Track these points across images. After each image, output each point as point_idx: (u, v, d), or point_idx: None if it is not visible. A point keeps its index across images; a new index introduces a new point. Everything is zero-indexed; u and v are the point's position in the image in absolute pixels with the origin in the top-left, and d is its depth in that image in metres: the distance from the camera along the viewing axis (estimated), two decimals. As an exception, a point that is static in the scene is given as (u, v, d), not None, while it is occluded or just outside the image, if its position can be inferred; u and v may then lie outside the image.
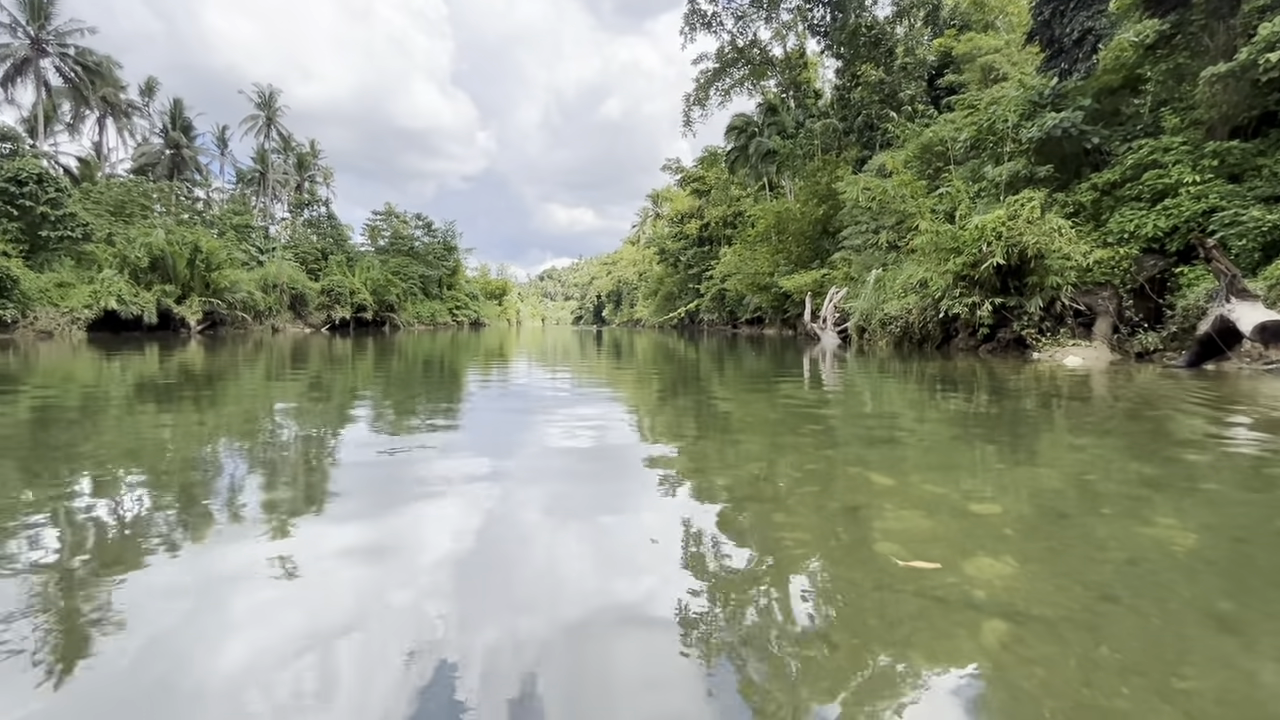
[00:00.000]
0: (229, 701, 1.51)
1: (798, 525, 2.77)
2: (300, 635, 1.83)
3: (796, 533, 2.67)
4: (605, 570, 2.32)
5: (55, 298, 22.84)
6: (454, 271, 62.03)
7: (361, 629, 1.86)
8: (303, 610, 1.99)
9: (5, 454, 4.25)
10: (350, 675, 1.61)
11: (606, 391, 8.53)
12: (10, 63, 35.39)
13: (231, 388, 8.67)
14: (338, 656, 1.69)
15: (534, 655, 1.70)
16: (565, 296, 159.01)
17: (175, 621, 1.90)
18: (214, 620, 1.92)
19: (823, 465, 3.92)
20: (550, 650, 1.73)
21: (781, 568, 2.30)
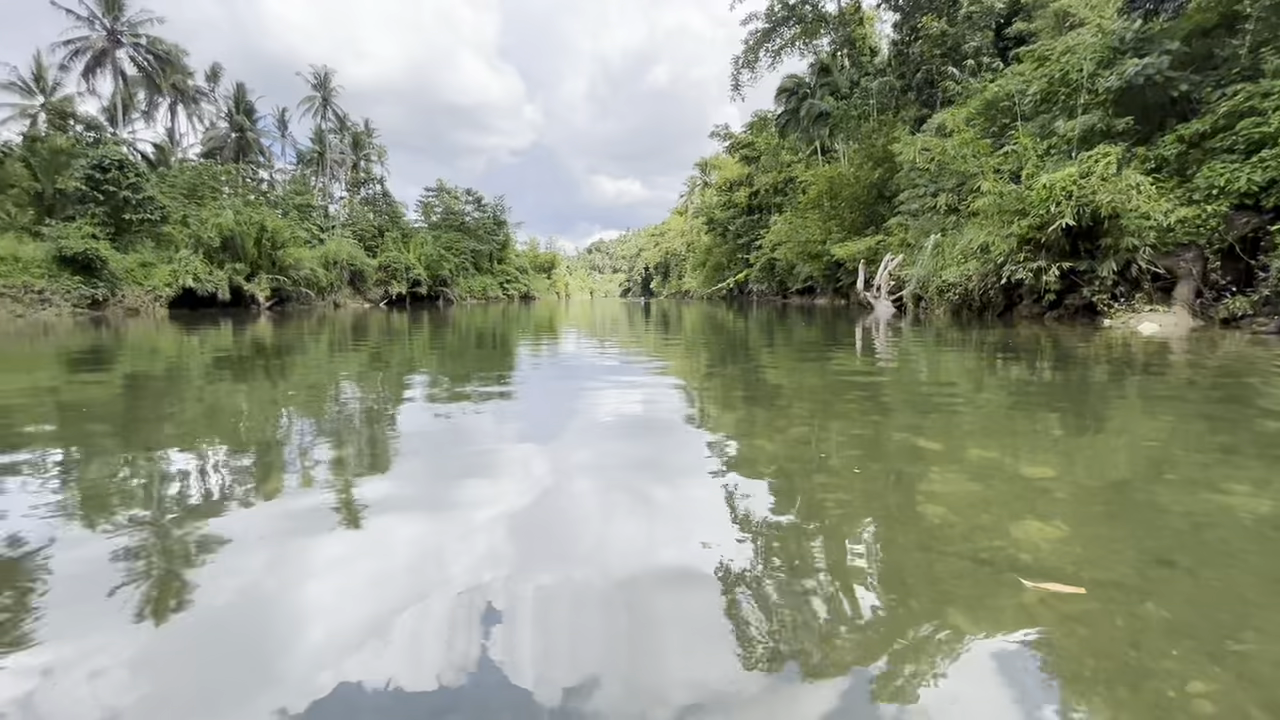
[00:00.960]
0: (301, 636, 1.67)
1: (840, 487, 2.77)
2: (363, 583, 1.99)
3: (838, 494, 2.67)
4: (650, 530, 2.40)
5: (139, 277, 24.47)
6: (504, 246, 62.95)
7: (419, 583, 2.00)
8: (366, 561, 2.15)
9: (103, 419, 4.68)
10: (408, 623, 1.74)
11: (654, 362, 8.60)
12: (90, 54, 37.45)
13: (299, 360, 9.17)
14: (396, 604, 1.84)
15: (583, 606, 1.79)
16: (613, 269, 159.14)
17: (256, 567, 2.09)
18: (287, 568, 2.10)
19: (870, 431, 3.88)
20: (597, 603, 1.82)
21: (824, 529, 2.33)
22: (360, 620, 1.71)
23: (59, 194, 25.80)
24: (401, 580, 1.97)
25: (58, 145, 28.31)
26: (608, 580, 1.93)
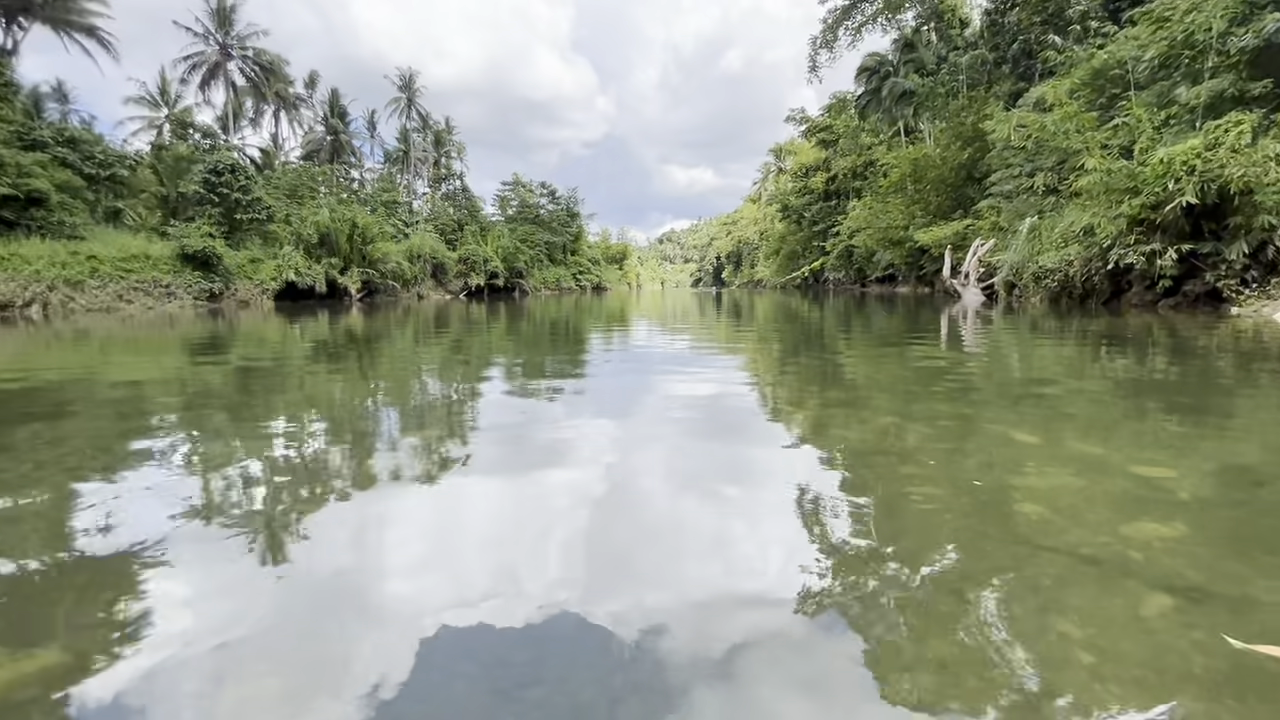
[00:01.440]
0: (387, 596, 1.76)
1: (928, 479, 2.64)
2: (442, 557, 2.08)
3: (926, 487, 2.55)
4: (724, 520, 2.37)
5: (249, 272, 26.62)
6: (577, 237, 63.97)
7: (494, 563, 2.07)
8: (446, 534, 2.25)
9: (219, 400, 5.13)
10: (483, 595, 1.81)
11: (727, 352, 8.50)
12: (205, 68, 40.92)
13: (387, 348, 9.71)
14: (474, 579, 1.91)
15: (656, 593, 1.80)
16: (684, 259, 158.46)
17: (347, 537, 2.23)
18: (374, 540, 2.23)
19: (958, 423, 3.68)
20: (664, 588, 1.82)
21: (910, 522, 2.22)
22: (437, 596, 1.80)
23: (181, 197, 28.42)
24: (477, 558, 2.05)
25: (179, 153, 31.17)
26: (677, 568, 1.92)
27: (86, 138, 25.80)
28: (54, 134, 24.33)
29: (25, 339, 11.05)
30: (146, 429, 3.94)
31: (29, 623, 1.65)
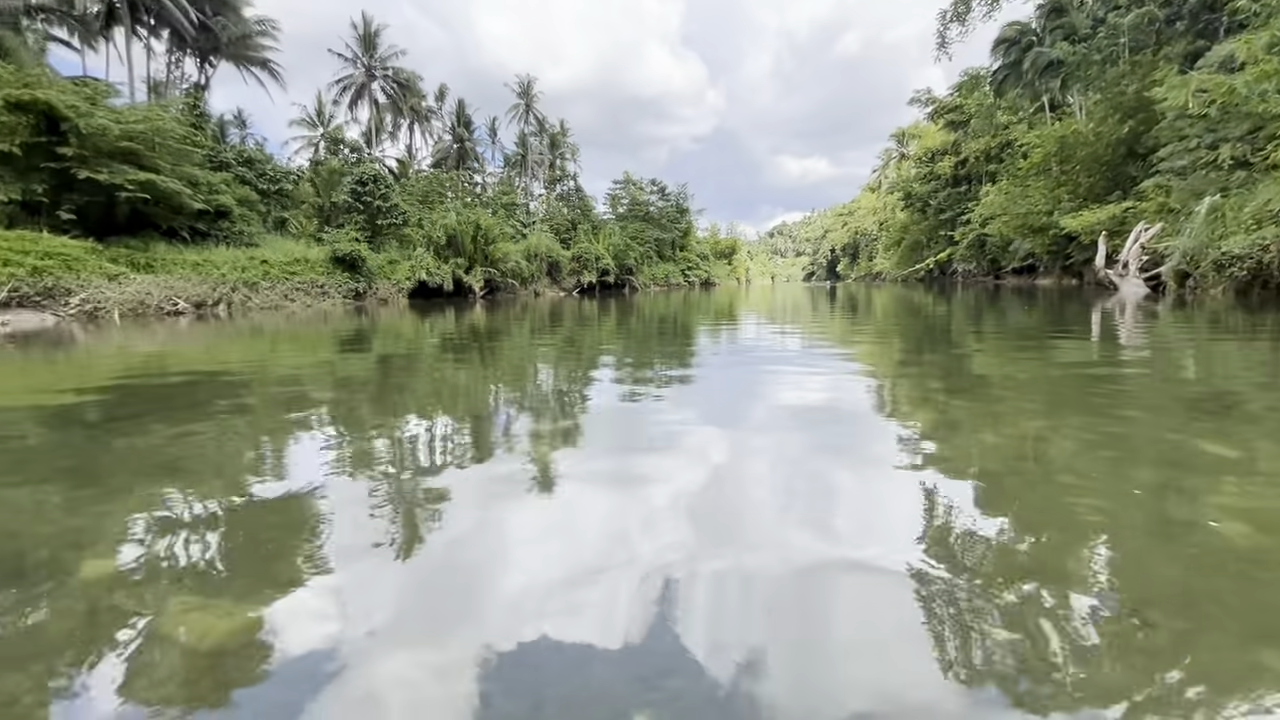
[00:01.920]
0: (504, 579, 1.82)
1: (1093, 491, 2.33)
2: (550, 543, 2.12)
3: (1089, 498, 2.25)
4: (837, 530, 2.23)
5: (388, 272, 29.20)
6: (686, 233, 64.06)
7: (598, 552, 2.07)
8: (554, 523, 2.30)
9: (360, 389, 5.64)
10: (587, 585, 1.81)
11: (841, 349, 8.10)
12: (353, 89, 45.35)
13: (507, 342, 10.23)
14: (577, 567, 1.92)
15: (755, 594, 1.72)
16: (796, 252, 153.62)
17: (469, 519, 2.34)
18: (489, 522, 2.32)
19: (1127, 430, 3.23)
20: (768, 594, 1.73)
21: (1072, 537, 1.97)
22: (544, 575, 1.83)
23: (333, 206, 31.73)
24: (583, 546, 2.07)
25: (332, 166, 34.80)
26: (781, 574, 1.83)
27: (260, 157, 29.56)
28: (235, 155, 28.10)
29: (215, 333, 12.83)
30: (304, 415, 4.42)
31: (220, 575, 1.89)
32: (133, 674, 1.41)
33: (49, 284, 16.53)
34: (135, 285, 18.29)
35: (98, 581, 1.84)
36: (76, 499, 2.63)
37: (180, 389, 5.72)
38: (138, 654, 1.48)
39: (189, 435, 3.67)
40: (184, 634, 1.55)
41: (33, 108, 17.73)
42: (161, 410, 4.61)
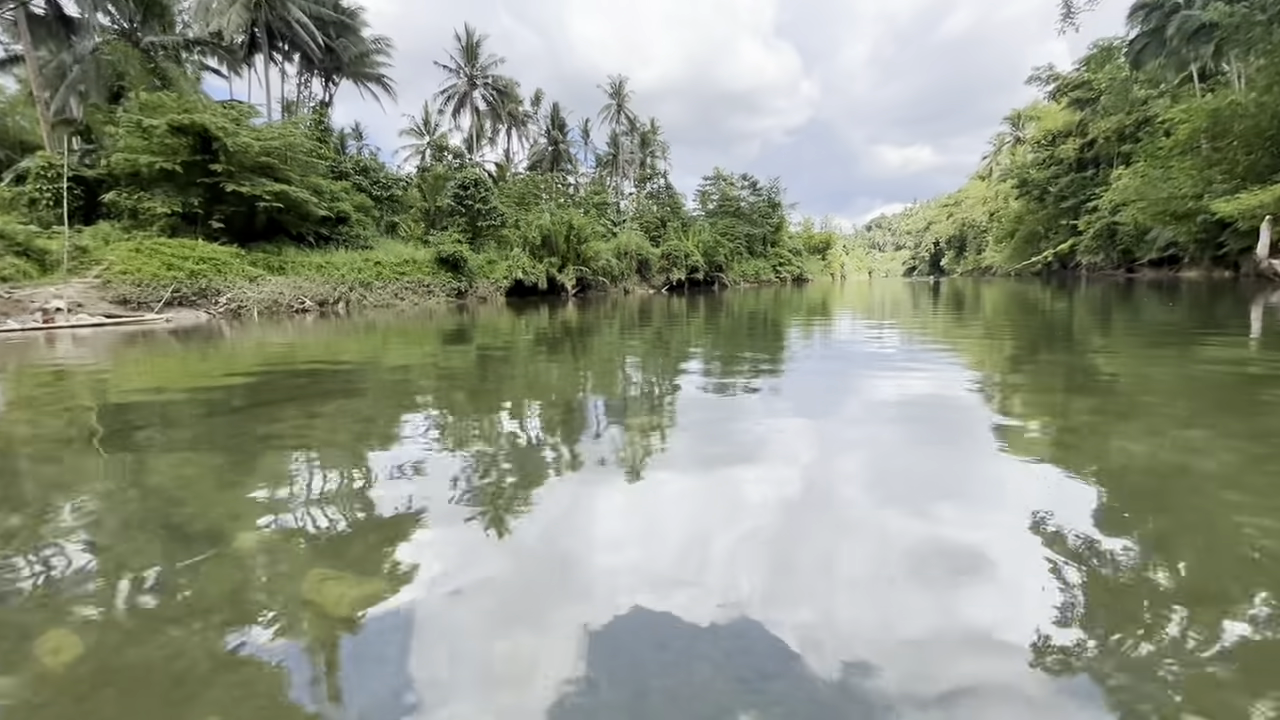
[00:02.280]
0: (603, 569, 1.89)
1: (1268, 509, 2.07)
2: (640, 533, 2.16)
3: (1266, 519, 2.00)
4: (938, 551, 2.12)
5: (487, 271, 30.71)
6: (777, 228, 62.60)
7: (686, 545, 2.09)
8: (645, 514, 2.34)
9: (461, 382, 5.98)
10: (690, 579, 1.84)
11: (943, 348, 7.64)
12: (456, 98, 47.96)
13: (597, 339, 10.48)
14: (668, 560, 1.95)
15: (848, 600, 1.68)
16: (895, 246, 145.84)
17: (557, 509, 2.44)
18: (582, 507, 2.41)
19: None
20: (863, 601, 1.68)
21: (1244, 567, 1.77)
22: (645, 565, 1.88)
23: (438, 210, 33.75)
24: (672, 538, 2.10)
25: (437, 173, 37.01)
26: (884, 581, 1.77)
27: (374, 166, 32.00)
28: (353, 165, 30.57)
29: (335, 329, 14.07)
30: (411, 404, 4.77)
31: (346, 547, 2.10)
32: (280, 632, 1.61)
33: (203, 285, 18.77)
34: (270, 286, 20.38)
35: (249, 550, 2.11)
36: (226, 475, 3.00)
37: (307, 379, 6.35)
38: (285, 615, 1.68)
39: (316, 420, 4.08)
40: (321, 598, 1.75)
41: (191, 130, 20.16)
42: (293, 398, 5.15)
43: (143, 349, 10.04)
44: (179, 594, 1.80)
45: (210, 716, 1.25)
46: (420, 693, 1.34)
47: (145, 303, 17.51)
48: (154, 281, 17.89)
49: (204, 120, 20.13)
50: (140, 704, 1.31)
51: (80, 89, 24.48)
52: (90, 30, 24.73)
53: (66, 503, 2.67)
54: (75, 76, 24.27)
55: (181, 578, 1.91)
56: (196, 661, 1.47)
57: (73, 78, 24.30)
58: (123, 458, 3.37)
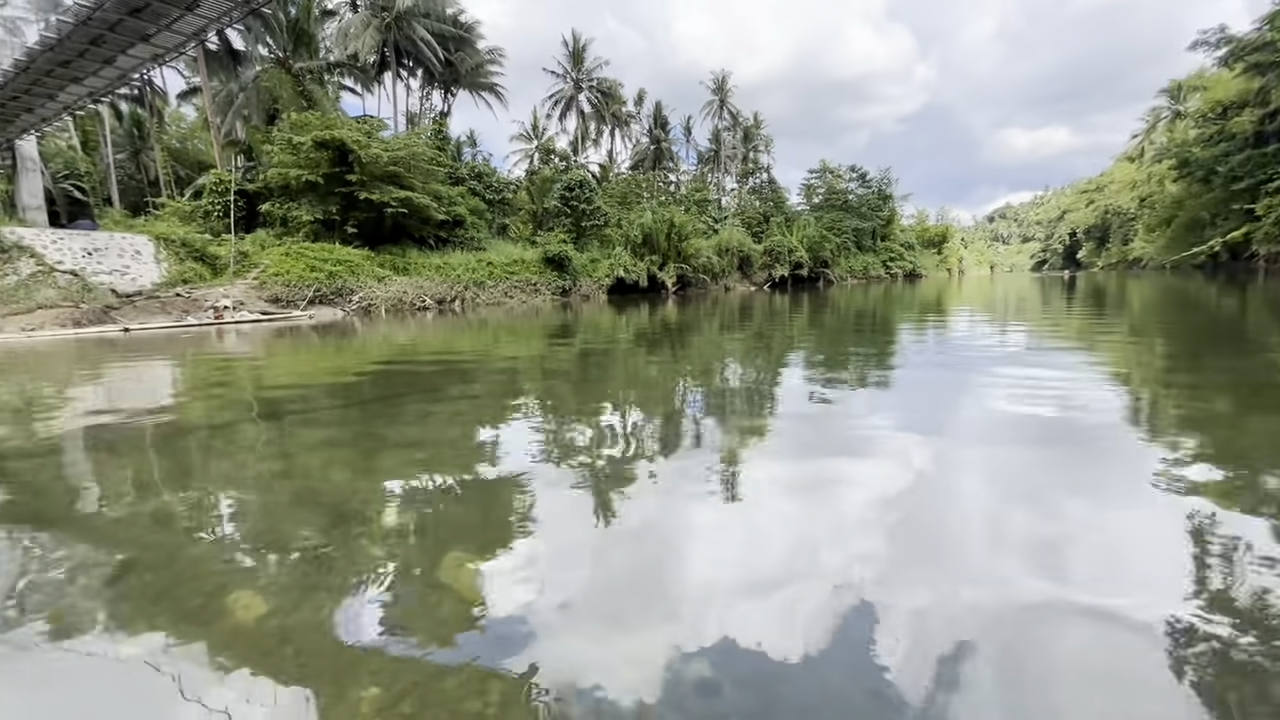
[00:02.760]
0: (684, 565, 1.92)
1: None
2: (736, 540, 2.17)
3: None
4: (1071, 570, 1.97)
5: (590, 270, 31.62)
6: (888, 222, 59.45)
7: (783, 555, 2.08)
8: (740, 520, 2.35)
9: (564, 378, 6.23)
10: (771, 585, 1.83)
11: (1078, 352, 6.95)
12: (563, 102, 49.65)
13: (697, 337, 10.50)
14: (764, 567, 1.95)
15: (952, 629, 1.60)
16: (1023, 238, 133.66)
17: (652, 506, 2.50)
18: (677, 509, 2.45)
19: None
20: (970, 633, 1.60)
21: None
22: (728, 569, 1.90)
23: (545, 211, 35.15)
24: (769, 547, 2.09)
25: (545, 175, 38.52)
26: (981, 608, 1.67)
27: (487, 171, 33.86)
28: (468, 171, 32.52)
29: (452, 326, 15.10)
30: (522, 397, 5.04)
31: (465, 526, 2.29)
32: (423, 611, 1.80)
33: (339, 285, 20.79)
34: (396, 285, 22.19)
35: (391, 533, 2.36)
36: (363, 459, 3.35)
37: (428, 371, 6.88)
38: (426, 594, 1.88)
39: (434, 410, 4.44)
40: (457, 581, 1.93)
41: (331, 145, 22.34)
42: (415, 390, 5.62)
43: (290, 342, 11.30)
44: (335, 565, 2.05)
45: (372, 686, 1.42)
46: (545, 674, 1.45)
47: (293, 301, 19.66)
48: (299, 282, 20.05)
49: (342, 135, 22.22)
50: (314, 665, 1.51)
51: (244, 113, 27.85)
52: (252, 61, 28.05)
53: (233, 477, 3.10)
54: (240, 102, 27.64)
55: (337, 551, 2.17)
56: (357, 631, 1.67)
57: (238, 104, 27.69)
58: (277, 440, 3.85)
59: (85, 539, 2.38)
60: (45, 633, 1.70)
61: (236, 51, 28.29)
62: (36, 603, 1.88)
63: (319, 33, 30.61)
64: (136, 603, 1.85)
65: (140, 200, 31.50)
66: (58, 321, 14.95)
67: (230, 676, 1.47)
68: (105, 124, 32.06)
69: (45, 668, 1.56)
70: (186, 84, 33.56)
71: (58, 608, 1.84)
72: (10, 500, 2.96)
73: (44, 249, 17.01)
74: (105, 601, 1.87)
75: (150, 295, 18.00)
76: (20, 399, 5.91)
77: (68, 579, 2.04)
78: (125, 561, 2.14)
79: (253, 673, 1.48)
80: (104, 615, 1.79)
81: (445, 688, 1.41)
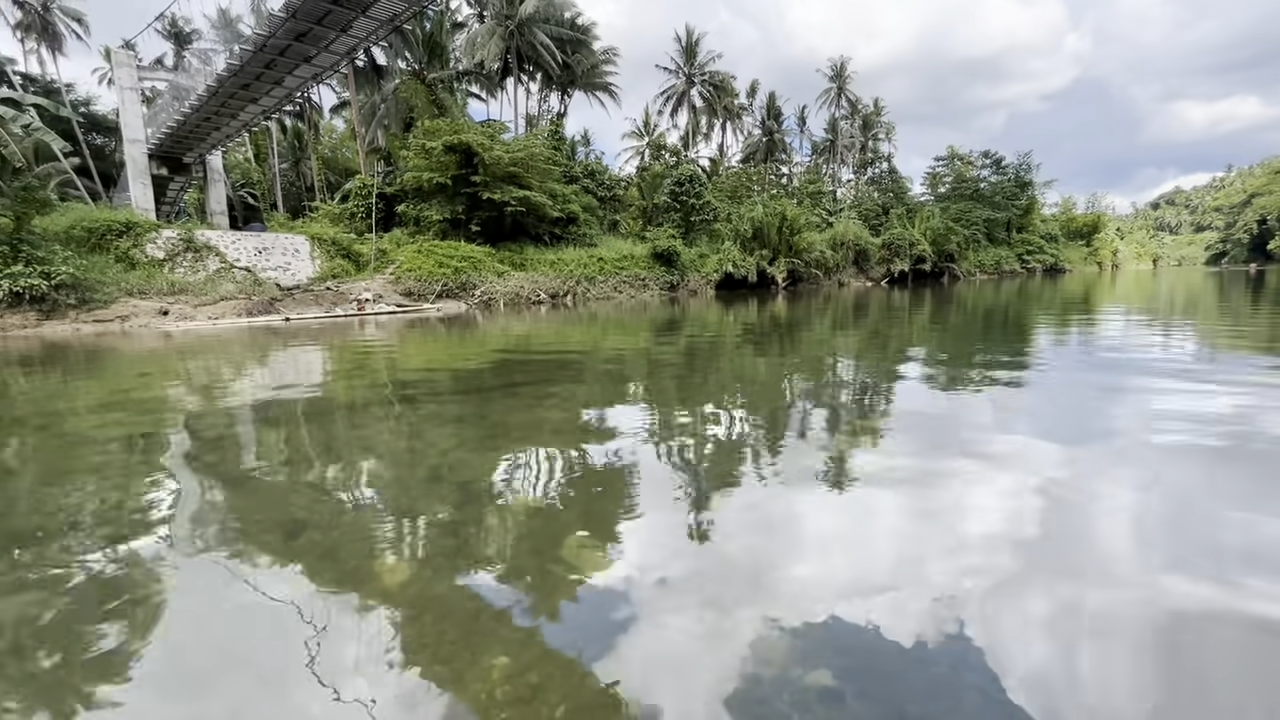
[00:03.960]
0: (787, 566, 1.89)
1: None
2: (840, 545, 2.10)
3: None
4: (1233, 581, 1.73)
5: (698, 265, 31.59)
6: (1026, 211, 54.15)
7: (891, 564, 1.99)
8: (846, 525, 2.27)
9: (666, 374, 6.29)
10: (879, 596, 1.76)
11: (1254, 359, 5.99)
12: (674, 98, 49.81)
13: (806, 335, 10.19)
14: (871, 575, 1.88)
15: (1088, 650, 1.46)
16: (1196, 227, 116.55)
17: (757, 506, 2.48)
18: (780, 511, 2.41)
19: None
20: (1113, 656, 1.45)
21: None
22: (831, 575, 1.84)
23: (654, 207, 35.53)
24: (877, 556, 2.01)
25: (655, 171, 38.89)
26: (1131, 633, 1.50)
27: (599, 169, 34.77)
28: (582, 169, 33.58)
29: (564, 319, 15.73)
30: (625, 389, 5.17)
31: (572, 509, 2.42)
32: (549, 588, 1.93)
33: (463, 280, 22.29)
34: (514, 280, 23.43)
35: (513, 510, 2.54)
36: (487, 441, 3.60)
37: (540, 362, 7.24)
38: (551, 573, 2.02)
39: (548, 399, 4.67)
40: (581, 562, 2.05)
41: (459, 148, 23.95)
42: (529, 379, 5.93)
43: (420, 332, 12.30)
44: (468, 541, 2.24)
45: (500, 655, 1.55)
46: (642, 654, 1.50)
47: (423, 294, 21.35)
48: (429, 277, 21.73)
49: (468, 139, 23.75)
50: (450, 632, 1.67)
51: (385, 123, 30.54)
52: (393, 74, 30.67)
53: (371, 454, 3.45)
54: (381, 113, 30.33)
55: (470, 527, 2.36)
56: (487, 603, 1.82)
57: (380, 114, 30.40)
58: (411, 423, 4.22)
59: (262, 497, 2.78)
60: (228, 564, 2.01)
61: (380, 66, 31.06)
62: (222, 544, 2.22)
63: (450, 44, 32.86)
64: (306, 559, 2.13)
65: (299, 204, 35.58)
66: (234, 311, 17.27)
67: (376, 636, 1.66)
68: (273, 138, 36.49)
69: (221, 599, 1.84)
70: (338, 98, 37.38)
71: (236, 548, 2.16)
72: (207, 458, 3.50)
73: (225, 249, 19.70)
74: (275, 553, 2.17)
75: (306, 288, 20.31)
76: (210, 377, 6.92)
77: (246, 532, 2.38)
78: (299, 520, 2.47)
79: (395, 636, 1.66)
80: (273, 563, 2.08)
81: (567, 660, 1.50)
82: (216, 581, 1.98)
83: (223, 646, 1.63)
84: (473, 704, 1.37)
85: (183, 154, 23.20)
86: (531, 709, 1.35)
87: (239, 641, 1.66)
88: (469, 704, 1.37)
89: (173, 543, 2.30)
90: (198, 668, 1.54)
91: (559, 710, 1.34)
